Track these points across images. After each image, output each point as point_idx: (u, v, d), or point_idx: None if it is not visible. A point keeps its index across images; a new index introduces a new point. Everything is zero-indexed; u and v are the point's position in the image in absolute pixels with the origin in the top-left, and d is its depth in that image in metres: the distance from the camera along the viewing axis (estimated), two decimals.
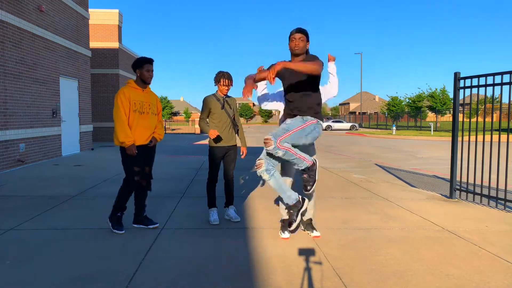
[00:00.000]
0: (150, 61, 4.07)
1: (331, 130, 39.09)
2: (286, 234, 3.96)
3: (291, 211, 3.54)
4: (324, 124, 39.63)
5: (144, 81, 4.09)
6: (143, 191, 4.26)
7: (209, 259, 3.35)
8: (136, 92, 4.05)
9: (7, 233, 4.01)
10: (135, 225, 4.28)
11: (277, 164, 3.56)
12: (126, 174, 4.06)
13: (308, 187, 3.54)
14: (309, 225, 4.10)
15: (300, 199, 3.52)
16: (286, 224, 4.02)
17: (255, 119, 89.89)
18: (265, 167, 3.45)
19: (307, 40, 3.54)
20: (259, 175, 3.49)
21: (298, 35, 3.47)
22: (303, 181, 3.59)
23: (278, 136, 3.36)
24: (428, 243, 3.81)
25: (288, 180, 3.99)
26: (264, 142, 3.38)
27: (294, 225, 3.50)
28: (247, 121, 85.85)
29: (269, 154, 3.49)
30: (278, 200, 4.56)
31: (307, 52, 3.61)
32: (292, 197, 3.50)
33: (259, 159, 3.49)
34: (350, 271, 3.12)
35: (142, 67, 4.04)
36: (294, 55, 3.55)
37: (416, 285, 2.86)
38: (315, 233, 4.02)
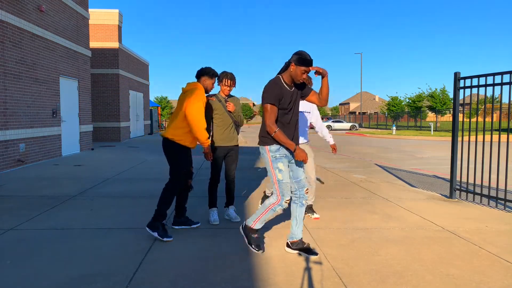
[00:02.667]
0: (217, 76, 4.27)
1: (331, 130, 39.10)
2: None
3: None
4: (324, 124, 39.56)
5: (206, 91, 4.18)
6: (187, 192, 4.24)
7: (209, 259, 3.35)
8: None
9: (7, 233, 4.01)
10: (176, 227, 4.24)
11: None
12: (175, 176, 3.89)
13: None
14: (310, 209, 4.72)
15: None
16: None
17: (255, 119, 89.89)
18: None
19: None
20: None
21: (308, 69, 3.24)
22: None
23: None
24: (428, 243, 3.81)
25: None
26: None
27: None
28: (247, 121, 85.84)
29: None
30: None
31: None
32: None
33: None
34: (350, 271, 3.12)
35: (212, 78, 4.18)
36: (293, 82, 3.37)
37: (416, 285, 2.86)
38: (315, 215, 4.65)
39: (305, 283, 2.89)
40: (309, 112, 4.76)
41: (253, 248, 3.47)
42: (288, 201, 3.35)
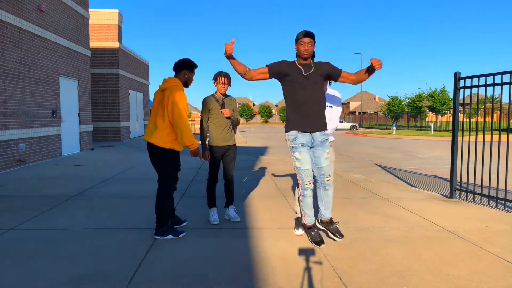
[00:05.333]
0: (197, 67, 4.06)
1: None
2: (300, 231, 4.12)
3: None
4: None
5: (186, 85, 3.99)
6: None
7: (209, 259, 3.35)
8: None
9: (7, 233, 4.01)
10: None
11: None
12: (167, 179, 3.86)
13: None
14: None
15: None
16: (300, 222, 4.17)
17: (255, 119, 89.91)
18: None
19: (314, 44, 3.54)
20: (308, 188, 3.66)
21: (307, 39, 3.46)
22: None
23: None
24: (428, 243, 3.81)
25: None
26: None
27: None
28: (247, 121, 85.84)
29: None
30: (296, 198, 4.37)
31: (313, 56, 3.66)
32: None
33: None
34: (350, 271, 3.12)
35: (193, 71, 3.98)
36: (302, 59, 3.55)
37: (416, 285, 2.86)
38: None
39: (305, 283, 2.89)
40: (331, 107, 4.16)
41: (314, 244, 3.60)
42: (309, 183, 3.56)
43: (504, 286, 2.85)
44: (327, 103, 4.10)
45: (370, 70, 3.42)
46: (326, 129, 3.66)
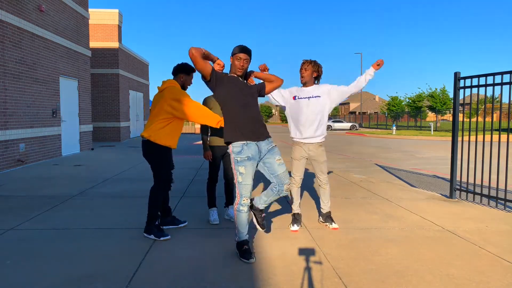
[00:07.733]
0: (195, 71, 4.07)
1: (331, 130, 39.08)
2: (295, 227, 4.21)
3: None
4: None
5: (184, 87, 4.05)
6: (166, 192, 4.25)
7: (209, 259, 3.35)
8: None
9: (7, 233, 4.01)
10: (163, 227, 4.24)
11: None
12: (159, 177, 3.87)
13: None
14: (328, 217, 4.33)
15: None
16: (296, 218, 4.27)
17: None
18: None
19: (250, 61, 3.39)
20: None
21: (243, 55, 3.29)
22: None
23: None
24: (428, 243, 3.81)
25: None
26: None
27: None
28: None
29: None
30: (289, 196, 4.39)
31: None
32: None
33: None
34: (350, 271, 3.12)
35: (189, 75, 4.05)
36: (236, 74, 3.38)
37: (416, 285, 2.86)
38: (333, 225, 4.28)
39: (305, 283, 2.89)
40: (319, 96, 4.05)
41: (243, 260, 3.32)
42: (247, 199, 3.33)
43: (504, 286, 2.85)
44: (313, 94, 4.08)
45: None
46: (270, 137, 3.47)
